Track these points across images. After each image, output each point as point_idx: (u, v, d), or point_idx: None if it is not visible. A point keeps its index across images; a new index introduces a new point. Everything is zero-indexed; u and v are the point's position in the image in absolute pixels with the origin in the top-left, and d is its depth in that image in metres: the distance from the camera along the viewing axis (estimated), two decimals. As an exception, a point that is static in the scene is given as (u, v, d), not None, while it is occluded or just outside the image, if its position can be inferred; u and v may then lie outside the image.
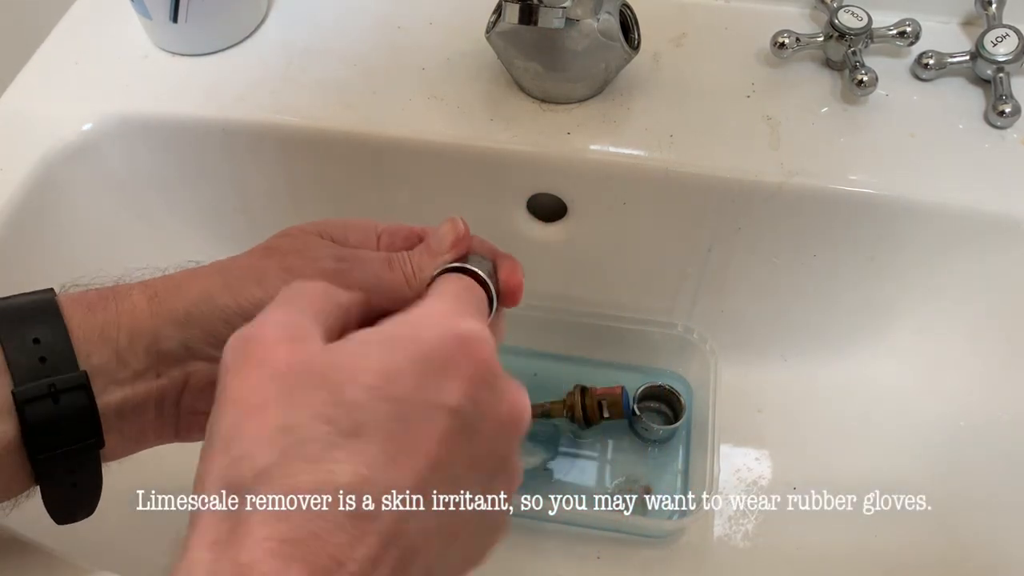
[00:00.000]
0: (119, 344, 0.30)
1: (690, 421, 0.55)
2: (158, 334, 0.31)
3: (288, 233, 0.35)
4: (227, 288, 0.31)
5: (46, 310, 0.30)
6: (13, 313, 0.29)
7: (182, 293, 0.31)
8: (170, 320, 0.31)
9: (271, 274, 0.32)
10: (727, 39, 0.53)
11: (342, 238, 0.36)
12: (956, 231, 0.47)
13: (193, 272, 0.33)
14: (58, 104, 0.50)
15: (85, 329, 0.30)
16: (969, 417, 0.49)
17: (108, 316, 0.30)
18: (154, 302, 0.31)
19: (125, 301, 0.31)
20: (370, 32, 0.54)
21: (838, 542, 0.49)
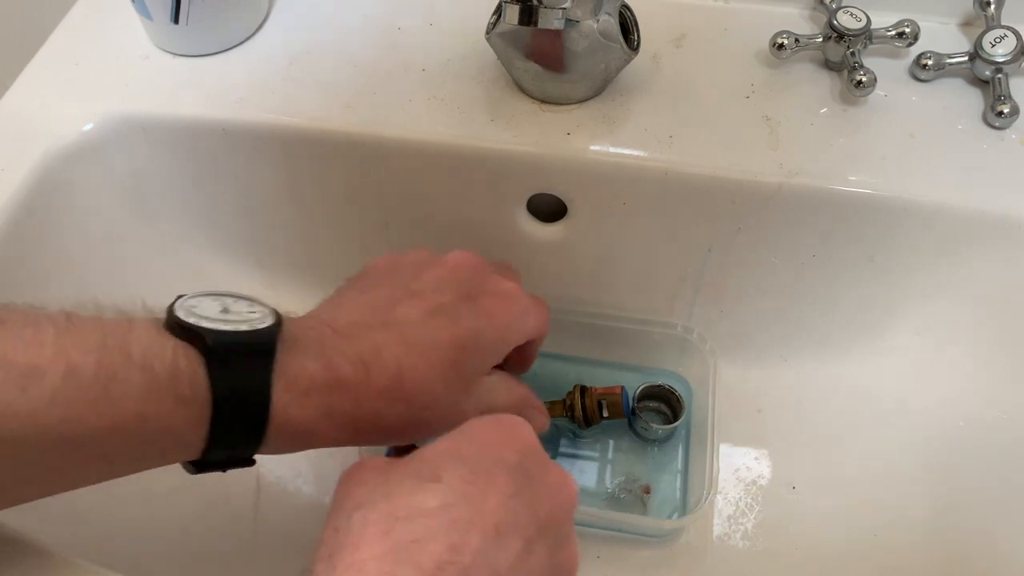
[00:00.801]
0: (334, 424, 0.34)
1: (690, 421, 0.55)
2: (359, 428, 0.35)
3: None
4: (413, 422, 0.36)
5: (262, 392, 0.32)
6: (230, 406, 0.31)
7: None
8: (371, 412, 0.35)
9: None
10: (726, 40, 0.53)
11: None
12: (955, 231, 0.47)
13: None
14: (59, 104, 0.51)
15: (287, 445, 0.34)
16: (969, 417, 0.49)
17: (325, 441, 0.35)
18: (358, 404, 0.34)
19: (365, 421, 0.35)
20: (370, 33, 0.54)
21: (838, 542, 0.49)
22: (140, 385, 0.29)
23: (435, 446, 0.29)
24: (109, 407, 0.29)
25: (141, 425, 0.29)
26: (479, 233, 0.54)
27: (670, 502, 0.52)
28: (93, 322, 0.30)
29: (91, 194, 0.51)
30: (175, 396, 0.30)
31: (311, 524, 0.52)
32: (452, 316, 0.36)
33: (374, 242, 0.56)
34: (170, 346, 0.30)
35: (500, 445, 0.29)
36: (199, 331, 0.31)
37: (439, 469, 0.27)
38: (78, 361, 0.28)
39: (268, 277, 0.58)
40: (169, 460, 0.32)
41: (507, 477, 0.28)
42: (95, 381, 0.28)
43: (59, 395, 0.28)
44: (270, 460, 0.54)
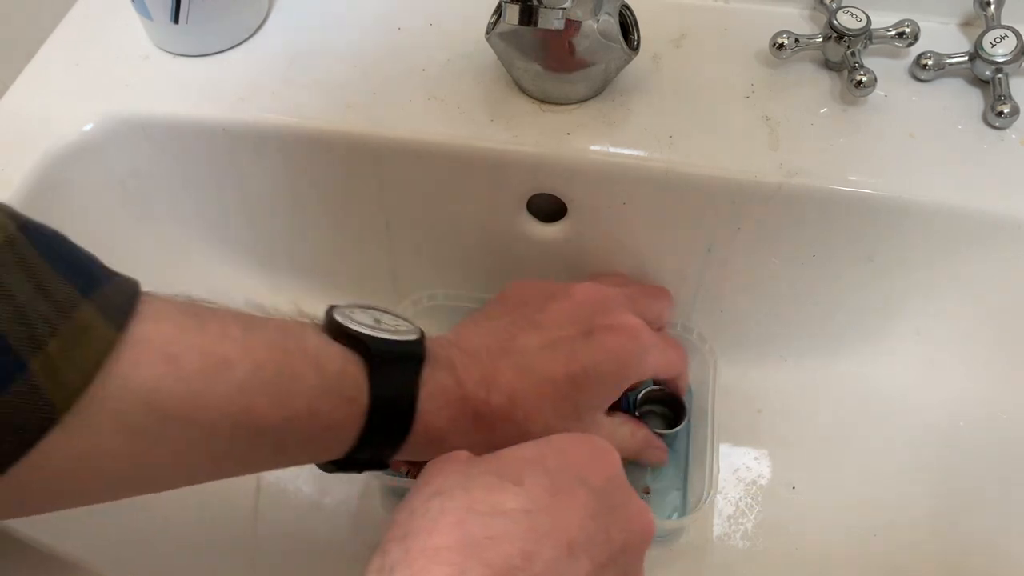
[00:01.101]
0: (461, 432, 0.36)
1: (690, 421, 0.55)
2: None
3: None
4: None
5: (407, 421, 0.35)
6: (383, 409, 0.34)
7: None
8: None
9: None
10: (726, 40, 0.53)
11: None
12: (955, 231, 0.47)
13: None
14: (59, 104, 0.51)
15: (422, 451, 0.36)
16: (969, 417, 0.49)
17: (452, 447, 0.34)
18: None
19: (483, 434, 0.37)
20: (370, 33, 0.54)
21: (838, 542, 0.49)
22: (314, 384, 0.32)
23: (520, 450, 0.30)
24: (287, 401, 0.31)
25: (311, 420, 0.32)
26: (479, 233, 0.54)
27: (670, 502, 0.52)
28: (272, 322, 0.32)
29: (91, 194, 0.51)
30: (341, 396, 0.32)
31: (311, 524, 0.52)
32: (568, 351, 0.38)
33: (374, 242, 0.56)
34: (338, 350, 0.33)
35: (586, 465, 0.30)
36: (363, 338, 0.33)
37: (522, 473, 0.28)
38: (263, 358, 0.31)
39: (268, 277, 0.58)
40: (324, 456, 0.34)
41: (588, 498, 0.28)
42: (277, 376, 0.31)
43: (245, 386, 0.30)
44: (270, 460, 0.54)
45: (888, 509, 0.49)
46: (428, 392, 0.35)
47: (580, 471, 0.29)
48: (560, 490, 0.27)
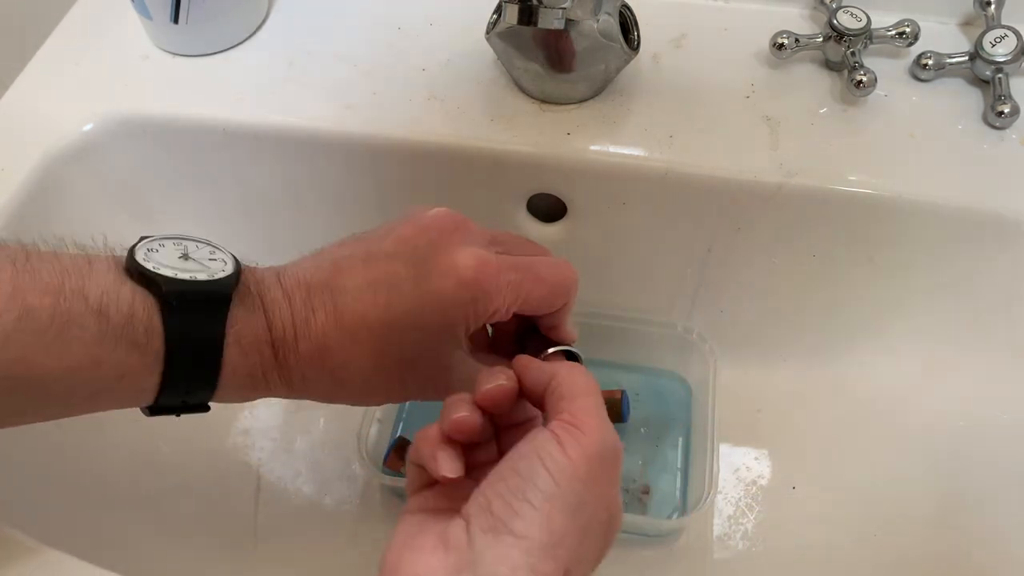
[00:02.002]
0: (271, 381, 0.34)
1: (690, 421, 0.55)
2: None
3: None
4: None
5: (213, 367, 0.32)
6: (182, 350, 0.31)
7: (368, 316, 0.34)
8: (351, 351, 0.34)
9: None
10: (727, 40, 0.53)
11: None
12: (955, 231, 0.47)
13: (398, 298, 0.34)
14: (59, 104, 0.51)
15: (237, 395, 0.33)
16: (969, 417, 0.49)
17: (271, 391, 0.34)
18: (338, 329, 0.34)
19: (298, 383, 0.34)
20: (370, 33, 0.54)
21: (838, 542, 0.49)
22: (95, 330, 0.29)
23: (567, 452, 0.28)
24: (64, 350, 0.29)
25: (95, 369, 0.30)
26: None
27: (670, 502, 0.52)
28: (52, 261, 0.30)
29: (91, 194, 0.51)
30: (129, 342, 0.30)
31: (311, 524, 0.52)
32: (392, 291, 0.34)
33: (374, 242, 0.56)
34: (127, 291, 0.30)
35: (611, 479, 0.30)
36: (156, 278, 0.31)
37: (558, 489, 0.27)
38: (34, 304, 0.28)
39: (268, 277, 0.58)
40: (124, 404, 0.32)
41: (605, 532, 0.30)
42: (50, 324, 0.28)
43: (13, 337, 0.28)
44: (270, 460, 0.54)
45: (888, 509, 0.49)
46: (235, 335, 0.32)
47: (609, 482, 0.30)
48: (586, 502, 0.28)
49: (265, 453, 0.55)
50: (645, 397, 0.57)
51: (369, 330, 0.33)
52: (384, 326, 0.34)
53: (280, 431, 0.56)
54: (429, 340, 0.34)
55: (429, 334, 0.34)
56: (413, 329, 0.34)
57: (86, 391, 0.30)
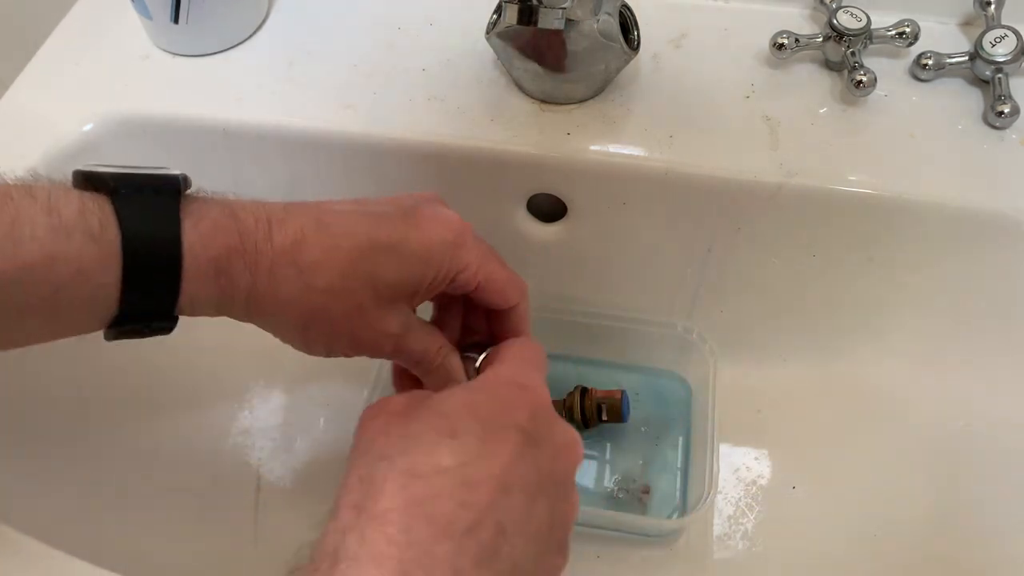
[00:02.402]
0: (234, 307, 0.34)
1: (690, 421, 0.55)
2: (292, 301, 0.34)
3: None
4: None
5: (172, 250, 0.31)
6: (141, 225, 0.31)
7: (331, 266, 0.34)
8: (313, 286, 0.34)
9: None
10: (726, 40, 0.53)
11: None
12: (955, 231, 0.47)
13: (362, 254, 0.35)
14: (59, 104, 0.51)
15: (202, 290, 0.32)
16: (968, 417, 0.49)
17: (235, 288, 0.33)
18: (303, 274, 0.34)
19: (263, 277, 0.33)
20: (370, 33, 0.54)
21: (838, 542, 0.49)
22: (46, 226, 0.29)
23: (453, 398, 0.31)
24: (15, 248, 0.28)
25: (51, 265, 0.29)
26: (479, 233, 0.54)
27: (670, 502, 0.52)
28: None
29: (91, 194, 0.51)
30: (84, 233, 0.29)
31: (311, 524, 0.52)
32: (378, 219, 0.35)
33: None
34: (75, 193, 0.30)
35: (514, 406, 0.31)
36: (103, 176, 0.31)
37: (456, 425, 0.29)
38: None
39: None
40: (86, 308, 0.31)
41: (517, 437, 0.30)
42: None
43: None
44: (270, 459, 0.54)
45: (888, 509, 0.49)
46: (194, 223, 0.31)
47: (510, 414, 0.31)
48: (492, 435, 0.29)
49: (265, 453, 0.55)
50: (645, 397, 0.57)
51: (353, 238, 0.34)
52: (366, 241, 0.34)
53: (280, 431, 0.56)
54: (404, 275, 0.35)
55: (406, 268, 0.35)
56: (395, 256, 0.35)
57: (44, 289, 0.29)
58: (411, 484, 0.27)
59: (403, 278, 0.35)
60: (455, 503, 0.27)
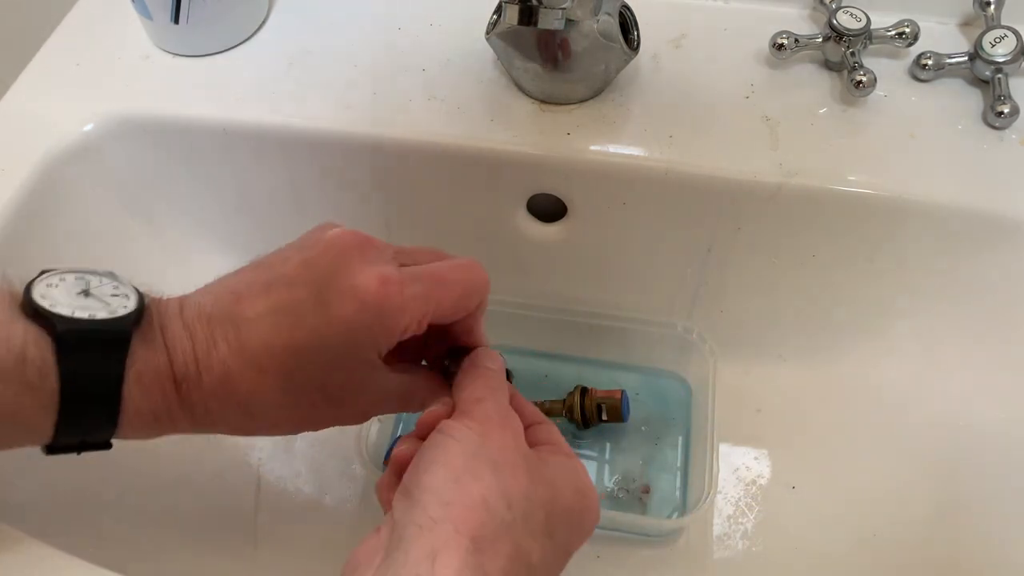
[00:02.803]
0: (176, 430, 0.34)
1: (690, 420, 0.55)
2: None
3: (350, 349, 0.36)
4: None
5: (111, 410, 0.31)
6: (82, 368, 0.30)
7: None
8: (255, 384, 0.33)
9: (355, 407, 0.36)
10: (726, 40, 0.53)
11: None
12: (955, 231, 0.47)
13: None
14: (59, 105, 0.51)
15: (140, 432, 0.33)
16: (968, 417, 0.49)
17: (174, 424, 0.33)
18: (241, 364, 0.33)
19: (203, 416, 0.33)
20: (370, 33, 0.54)
21: (837, 542, 0.49)
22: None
23: (447, 514, 0.29)
24: None
25: None
26: (479, 233, 0.54)
27: (670, 502, 0.52)
28: None
29: (91, 194, 0.51)
30: (21, 382, 0.29)
31: (311, 524, 0.52)
32: (295, 316, 0.33)
33: (374, 242, 0.56)
34: (20, 330, 0.29)
35: (580, 534, 0.34)
36: (52, 317, 0.30)
37: (550, 526, 0.31)
38: None
39: (268, 277, 0.58)
40: (17, 443, 0.31)
41: (564, 562, 0.32)
42: None
43: None
44: (270, 460, 0.54)
45: (888, 509, 0.49)
46: (135, 374, 0.31)
47: (577, 535, 0.33)
48: (554, 558, 0.31)
49: (265, 453, 0.55)
50: (645, 397, 0.57)
51: (273, 358, 0.33)
52: (288, 353, 0.33)
53: (280, 431, 0.56)
54: (337, 365, 0.34)
55: (336, 359, 0.33)
56: (319, 354, 0.33)
57: None
58: (513, 559, 0.29)
59: (340, 369, 0.34)
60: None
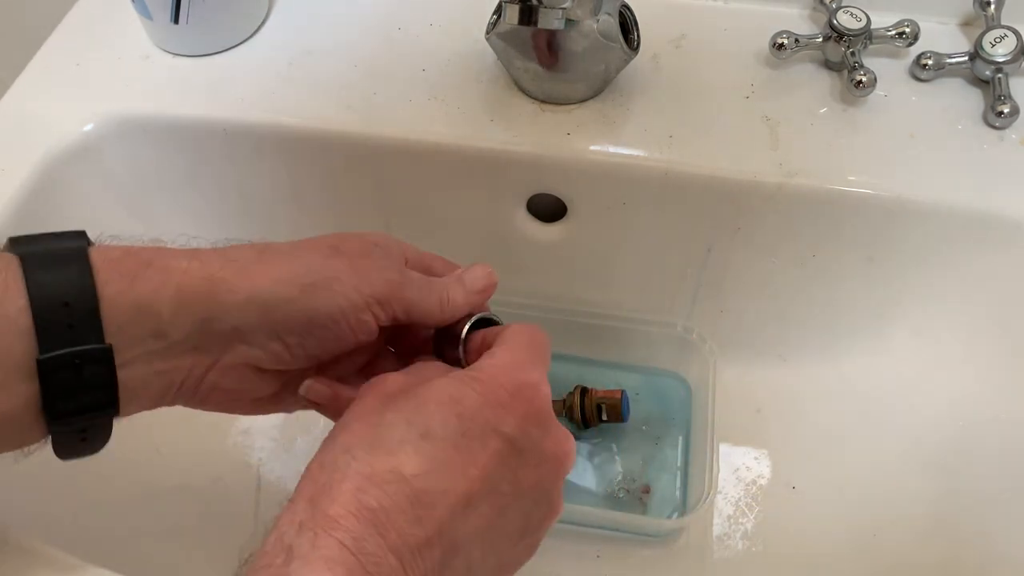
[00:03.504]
0: (161, 318, 0.30)
1: (690, 420, 0.55)
2: (212, 315, 0.31)
3: (355, 236, 0.36)
4: (297, 285, 0.32)
5: (80, 269, 0.29)
6: (43, 264, 0.29)
7: (247, 278, 0.32)
8: (229, 302, 0.31)
9: (342, 278, 0.33)
10: (726, 40, 0.53)
11: (398, 254, 0.37)
12: (955, 231, 0.47)
13: (260, 258, 0.33)
14: (59, 105, 0.51)
15: (122, 300, 0.30)
16: (968, 417, 0.49)
17: (150, 289, 0.30)
18: (212, 282, 0.31)
19: (174, 274, 0.31)
20: (370, 33, 0.54)
21: (837, 542, 0.49)
22: None
23: (440, 389, 0.29)
24: None
25: None
26: (479, 233, 0.54)
27: (670, 502, 0.52)
28: None
29: (91, 194, 0.51)
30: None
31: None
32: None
33: (374, 242, 0.56)
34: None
35: (505, 409, 0.29)
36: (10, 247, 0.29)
37: (432, 422, 0.28)
38: None
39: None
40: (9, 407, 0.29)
41: (498, 445, 0.29)
42: None
43: None
44: (270, 459, 0.54)
45: (888, 509, 0.49)
46: (99, 253, 0.30)
47: (497, 415, 0.29)
48: (467, 441, 0.28)
49: (265, 453, 0.55)
50: (645, 397, 0.57)
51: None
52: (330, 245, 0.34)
53: (280, 431, 0.56)
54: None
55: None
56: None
57: None
58: (366, 490, 0.26)
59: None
60: (407, 519, 0.26)
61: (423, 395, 0.29)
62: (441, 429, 0.28)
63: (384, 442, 0.28)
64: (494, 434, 0.29)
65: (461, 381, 0.30)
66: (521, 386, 0.31)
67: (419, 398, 0.29)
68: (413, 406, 0.29)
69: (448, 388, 0.30)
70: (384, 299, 0.33)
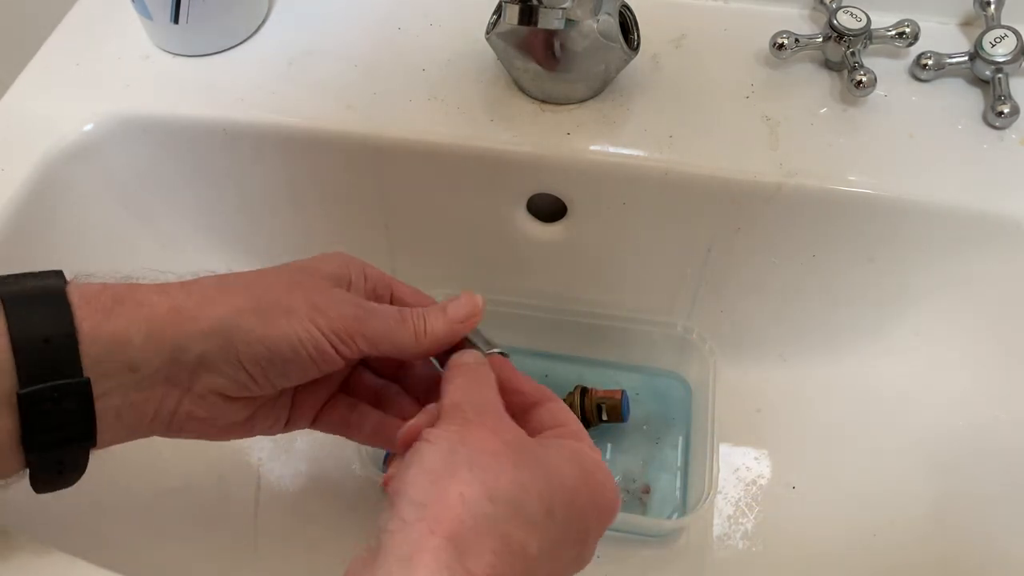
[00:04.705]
0: (132, 351, 0.31)
1: (690, 420, 0.55)
2: (178, 344, 0.32)
3: (314, 269, 0.37)
4: (256, 314, 0.33)
5: (58, 307, 0.30)
6: (24, 303, 0.30)
7: (209, 307, 0.33)
8: (194, 332, 0.32)
9: (299, 310, 0.34)
10: (726, 40, 0.53)
11: (358, 282, 0.38)
12: (955, 231, 0.47)
13: (220, 287, 0.34)
14: (59, 104, 0.51)
15: (98, 334, 0.31)
16: (968, 417, 0.49)
17: (124, 322, 0.31)
18: (177, 313, 0.32)
19: (144, 308, 0.32)
20: (370, 33, 0.54)
21: (838, 542, 0.49)
22: None
23: (568, 466, 0.31)
24: None
25: None
26: (479, 233, 0.54)
27: (670, 502, 0.52)
28: None
29: (91, 194, 0.51)
30: None
31: (311, 524, 0.52)
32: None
33: (373, 242, 0.56)
34: None
35: (604, 511, 0.32)
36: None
37: (555, 504, 0.29)
38: None
39: (268, 277, 0.58)
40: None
41: (584, 543, 0.32)
42: None
43: None
44: (270, 459, 0.54)
45: (888, 509, 0.49)
46: (75, 288, 0.31)
47: (597, 516, 0.32)
48: (571, 537, 0.30)
49: (265, 453, 0.55)
50: (645, 397, 0.57)
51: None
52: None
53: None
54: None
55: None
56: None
57: None
58: (501, 557, 0.27)
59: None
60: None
61: (549, 465, 0.30)
62: (559, 516, 0.29)
63: (524, 509, 0.28)
64: (590, 533, 0.31)
65: (580, 467, 0.32)
66: (614, 506, 0.33)
67: (547, 469, 0.30)
68: (540, 476, 0.29)
69: (571, 471, 0.31)
70: (343, 333, 0.34)
